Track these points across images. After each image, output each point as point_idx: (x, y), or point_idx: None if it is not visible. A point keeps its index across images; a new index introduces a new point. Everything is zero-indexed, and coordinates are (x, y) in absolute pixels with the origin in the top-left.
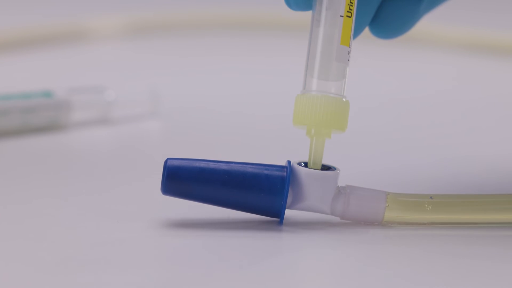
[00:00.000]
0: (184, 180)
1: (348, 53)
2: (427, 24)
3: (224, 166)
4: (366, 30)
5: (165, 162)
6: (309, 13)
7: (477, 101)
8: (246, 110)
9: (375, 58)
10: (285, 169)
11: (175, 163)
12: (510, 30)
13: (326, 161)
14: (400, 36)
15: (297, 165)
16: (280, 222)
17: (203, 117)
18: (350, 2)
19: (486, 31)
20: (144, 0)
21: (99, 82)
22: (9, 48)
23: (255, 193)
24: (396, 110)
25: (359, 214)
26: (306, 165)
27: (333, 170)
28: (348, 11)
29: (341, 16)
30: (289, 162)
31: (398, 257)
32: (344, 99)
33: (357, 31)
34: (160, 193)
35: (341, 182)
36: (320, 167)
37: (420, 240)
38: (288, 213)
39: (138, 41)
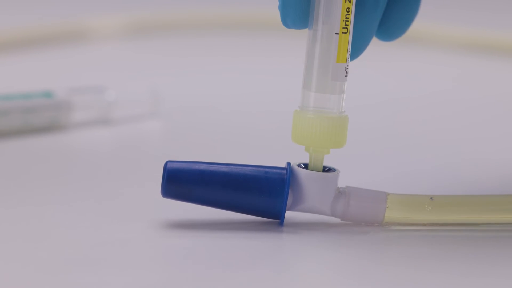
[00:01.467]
0: (184, 182)
1: (345, 69)
2: (427, 24)
3: (224, 169)
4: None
5: (165, 165)
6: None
7: (477, 101)
8: (247, 110)
9: (375, 58)
10: (285, 171)
11: (175, 165)
12: (510, 30)
13: (325, 162)
14: (404, 33)
15: (297, 167)
16: (281, 224)
17: (204, 117)
18: (346, 18)
19: (486, 31)
20: (144, 0)
21: (99, 82)
22: (9, 48)
23: (255, 195)
24: (396, 110)
25: (360, 215)
26: (306, 166)
27: (332, 171)
28: (344, 27)
29: (336, 33)
30: (289, 163)
31: (399, 258)
32: (342, 115)
33: (365, 42)
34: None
35: (341, 183)
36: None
37: (420, 241)
38: (288, 214)
39: (138, 41)
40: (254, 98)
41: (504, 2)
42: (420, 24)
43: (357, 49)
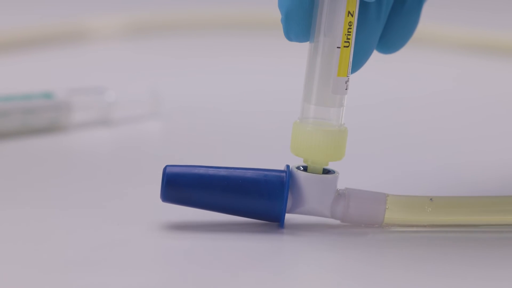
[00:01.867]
0: (184, 187)
1: (346, 82)
2: (427, 24)
3: (223, 172)
4: None
5: (164, 169)
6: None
7: (477, 101)
8: (247, 110)
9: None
10: (284, 174)
11: (174, 170)
12: (510, 30)
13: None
14: (404, 45)
15: (296, 169)
16: (281, 226)
17: (204, 118)
18: (348, 32)
19: (486, 31)
20: (144, 0)
21: (99, 82)
22: (9, 49)
23: (255, 198)
24: (396, 110)
25: (359, 217)
26: (305, 169)
27: (332, 173)
28: (345, 41)
29: (338, 47)
30: (288, 166)
31: (398, 260)
32: (341, 128)
33: (366, 55)
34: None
35: (340, 185)
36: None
37: (420, 242)
38: (288, 215)
39: (138, 41)
40: (255, 98)
41: (504, 2)
42: (420, 24)
43: (357, 63)
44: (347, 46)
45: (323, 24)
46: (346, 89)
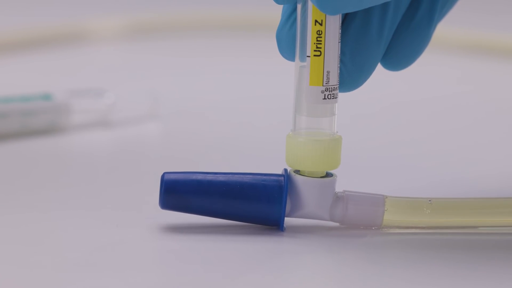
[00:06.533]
0: (182, 194)
1: (322, 92)
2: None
3: (221, 178)
4: None
5: (162, 176)
6: None
7: (479, 103)
8: (247, 111)
9: None
10: (283, 178)
11: (172, 177)
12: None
13: None
14: (412, 64)
15: (294, 173)
16: (281, 229)
17: (204, 119)
18: (317, 41)
19: (490, 33)
20: (144, 1)
21: (98, 84)
22: (9, 50)
23: (254, 203)
24: (396, 113)
25: (358, 219)
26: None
27: (330, 176)
28: (315, 50)
29: (308, 56)
30: (286, 170)
31: (397, 261)
32: (334, 137)
33: (365, 75)
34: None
35: (339, 188)
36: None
37: (419, 244)
38: (287, 218)
39: (137, 42)
40: (255, 100)
41: (506, 2)
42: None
43: (355, 82)
44: (318, 55)
45: (305, 37)
46: (324, 98)
